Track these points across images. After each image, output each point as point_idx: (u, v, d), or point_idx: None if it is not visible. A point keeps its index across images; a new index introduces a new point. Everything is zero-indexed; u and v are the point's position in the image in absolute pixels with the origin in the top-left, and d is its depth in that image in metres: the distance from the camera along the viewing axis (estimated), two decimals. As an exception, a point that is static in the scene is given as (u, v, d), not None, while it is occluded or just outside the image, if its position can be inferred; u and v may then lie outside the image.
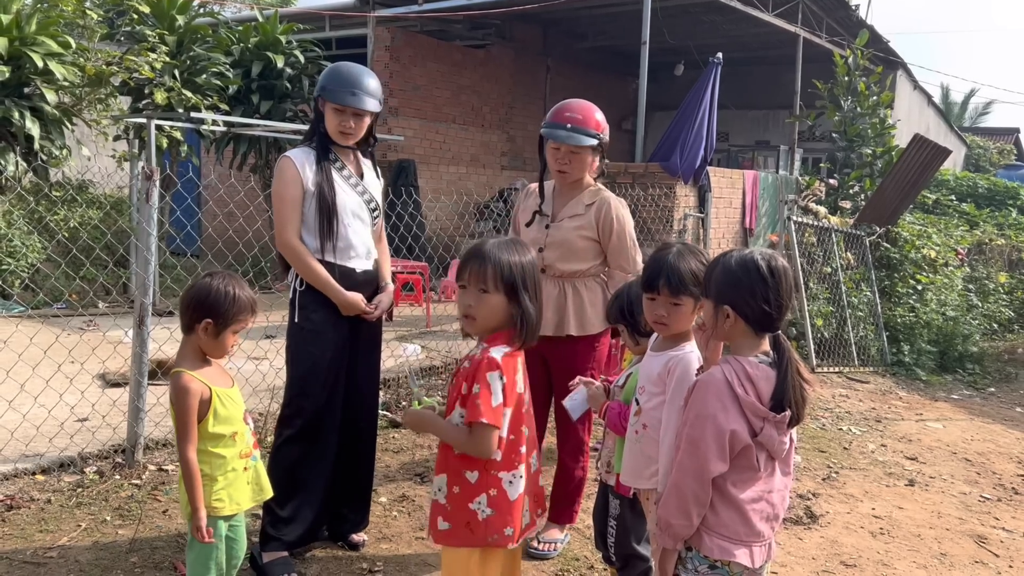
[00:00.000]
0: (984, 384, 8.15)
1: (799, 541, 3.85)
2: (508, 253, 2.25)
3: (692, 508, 2.00)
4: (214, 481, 2.45)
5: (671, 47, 12.05)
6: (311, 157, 3.21)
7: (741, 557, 2.03)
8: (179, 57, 8.42)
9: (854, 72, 10.67)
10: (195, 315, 2.44)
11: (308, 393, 3.19)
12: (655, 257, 2.42)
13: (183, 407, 2.40)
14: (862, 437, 5.74)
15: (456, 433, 2.23)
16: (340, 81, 3.20)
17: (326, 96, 3.20)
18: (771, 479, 2.07)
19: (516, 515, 2.26)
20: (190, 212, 9.95)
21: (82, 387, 4.56)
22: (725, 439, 1.96)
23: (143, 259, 4.08)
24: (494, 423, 2.16)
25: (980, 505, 4.60)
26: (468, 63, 12.45)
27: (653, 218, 8.51)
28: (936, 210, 14.21)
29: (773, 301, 1.98)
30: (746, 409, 1.97)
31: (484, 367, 2.18)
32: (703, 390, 2.01)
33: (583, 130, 3.33)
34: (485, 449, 2.19)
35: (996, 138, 25.46)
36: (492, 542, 2.23)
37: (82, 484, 3.86)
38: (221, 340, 2.46)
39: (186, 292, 2.50)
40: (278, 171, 3.20)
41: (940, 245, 9.94)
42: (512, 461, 2.25)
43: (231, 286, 2.46)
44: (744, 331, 2.02)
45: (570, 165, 3.38)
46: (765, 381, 1.99)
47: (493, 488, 2.23)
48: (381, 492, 4.07)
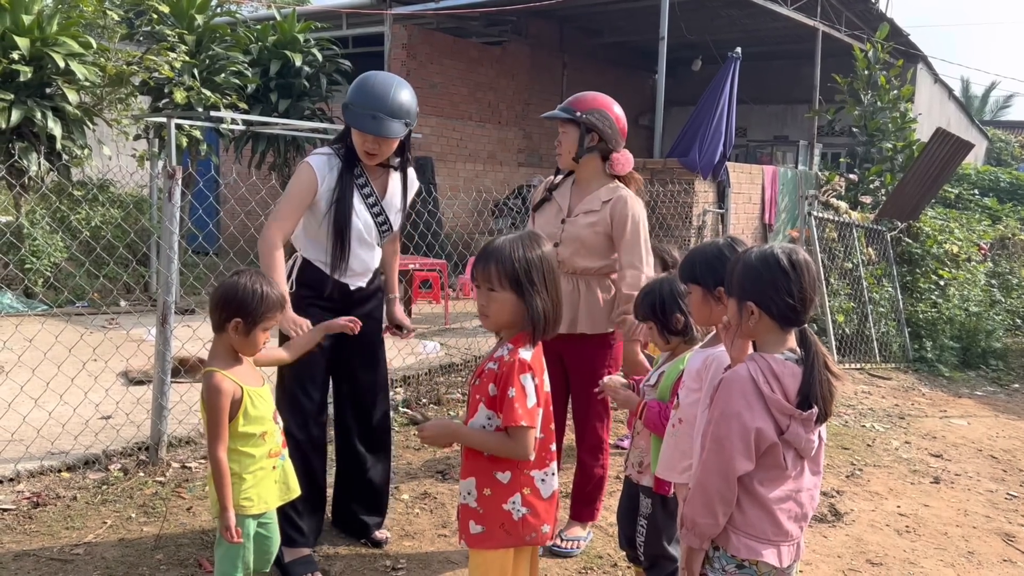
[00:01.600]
0: (1008, 380, 8.05)
1: (824, 539, 3.82)
2: (514, 249, 2.21)
3: (718, 507, 1.98)
4: (242, 480, 2.45)
5: (689, 42, 11.99)
6: (335, 170, 3.09)
7: (769, 557, 2.01)
8: (198, 56, 8.47)
9: (874, 66, 10.57)
10: (225, 314, 2.44)
11: (297, 401, 3.16)
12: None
13: (215, 407, 2.39)
14: (886, 434, 5.68)
15: (488, 438, 2.20)
16: (363, 100, 3.00)
17: (347, 117, 3.04)
18: (800, 478, 2.04)
19: (552, 512, 2.26)
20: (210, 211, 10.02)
21: (106, 385, 4.59)
22: (751, 437, 1.94)
23: (166, 257, 4.10)
24: (532, 424, 2.16)
25: (1007, 503, 4.54)
26: (485, 60, 12.44)
27: (672, 214, 8.47)
28: (958, 205, 14.06)
29: (796, 294, 1.96)
30: (771, 407, 1.95)
31: (517, 369, 2.16)
32: (728, 388, 1.99)
33: (564, 107, 3.42)
34: (524, 451, 2.17)
35: (1018, 131, 25.16)
36: (530, 540, 2.22)
37: (107, 481, 3.89)
38: (252, 338, 2.46)
39: (215, 292, 2.49)
40: (298, 172, 3.10)
41: (962, 240, 9.83)
42: (543, 459, 2.25)
43: (259, 284, 2.46)
44: (769, 327, 2.00)
45: (560, 146, 3.44)
46: (791, 378, 1.96)
47: (527, 487, 2.22)
48: (403, 489, 4.07)
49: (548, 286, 2.22)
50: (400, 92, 3.05)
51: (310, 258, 3.18)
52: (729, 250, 2.35)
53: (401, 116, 3.03)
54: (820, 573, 3.50)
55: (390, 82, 3.06)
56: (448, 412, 5.32)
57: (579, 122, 3.36)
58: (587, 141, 3.38)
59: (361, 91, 3.03)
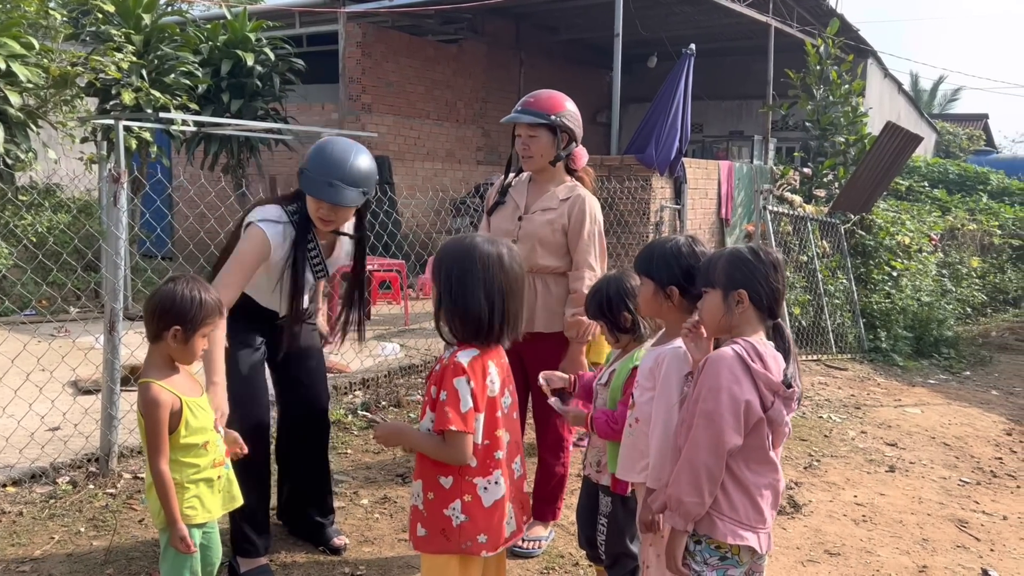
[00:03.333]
0: (960, 368, 8.23)
1: (783, 531, 3.85)
2: (443, 251, 2.21)
3: (704, 485, 1.99)
4: (185, 489, 2.39)
5: (644, 39, 12.05)
6: (288, 240, 3.01)
7: (752, 541, 2.05)
8: (146, 56, 8.28)
9: (825, 61, 10.73)
10: (163, 323, 2.36)
11: (243, 407, 3.05)
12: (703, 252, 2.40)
13: (153, 420, 2.32)
14: (842, 424, 5.76)
15: (426, 441, 2.18)
16: (321, 167, 2.89)
17: (302, 183, 2.94)
18: (776, 465, 2.10)
19: (492, 522, 2.20)
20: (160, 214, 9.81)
21: (53, 396, 4.46)
22: (740, 409, 1.98)
23: (112, 263, 3.99)
24: (464, 429, 2.12)
25: (960, 489, 4.63)
26: (441, 58, 12.37)
27: (630, 211, 8.50)
28: (909, 197, 14.35)
29: (781, 286, 2.11)
30: (759, 381, 2.00)
31: (450, 372, 2.14)
32: (715, 366, 2.02)
33: (533, 111, 3.34)
34: (459, 456, 2.14)
35: (965, 124, 25.78)
36: (466, 549, 2.18)
37: (55, 495, 3.78)
38: (191, 345, 2.39)
39: (150, 300, 2.40)
40: (250, 237, 2.97)
41: (914, 231, 10.03)
42: (487, 467, 2.20)
43: (196, 290, 2.38)
44: (750, 318, 2.09)
45: (529, 149, 3.38)
46: (772, 359, 2.05)
47: (467, 494, 2.18)
48: (363, 494, 4.02)
49: (475, 286, 2.16)
50: (359, 159, 2.95)
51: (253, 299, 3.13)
52: (688, 248, 2.36)
53: (359, 184, 2.93)
54: (779, 565, 3.53)
55: (349, 149, 2.96)
56: (408, 414, 5.27)
57: (553, 126, 3.34)
58: (561, 143, 3.38)
59: (319, 157, 2.92)
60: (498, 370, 2.26)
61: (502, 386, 2.28)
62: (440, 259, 2.22)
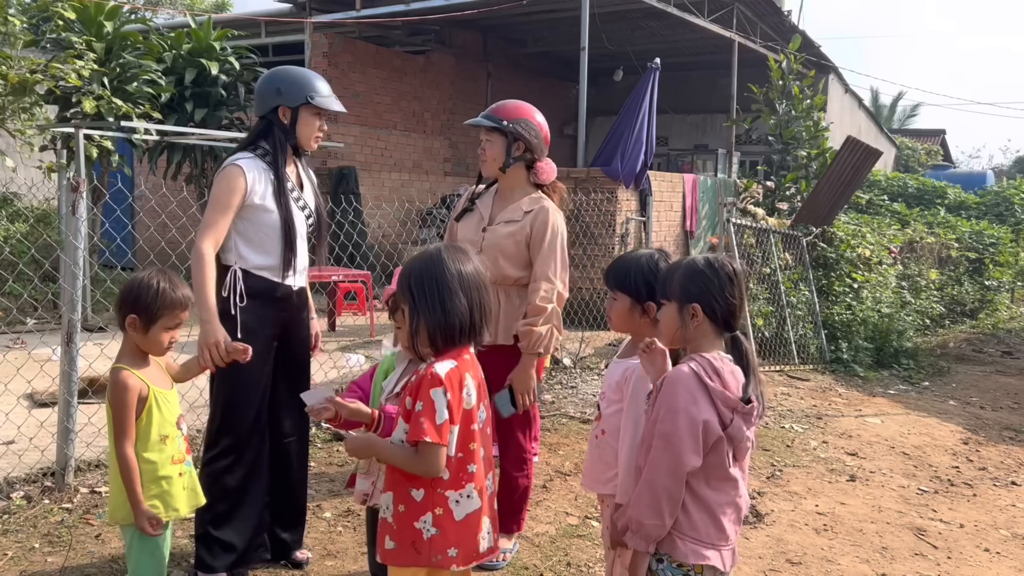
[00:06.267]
0: (919, 378, 8.38)
1: (745, 540, 3.88)
2: (410, 268, 2.20)
3: (665, 506, 1.98)
4: (146, 488, 2.39)
5: (610, 53, 12.17)
6: (264, 172, 3.06)
7: (715, 560, 2.03)
8: (108, 64, 8.16)
9: (788, 76, 10.91)
10: (122, 311, 2.44)
11: (237, 412, 3.10)
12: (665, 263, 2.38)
13: (121, 403, 2.36)
14: (804, 434, 5.83)
15: (399, 452, 2.15)
16: (305, 86, 3.10)
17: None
18: (738, 482, 2.09)
19: (463, 536, 2.17)
20: (121, 224, 9.66)
21: (7, 408, 4.36)
22: (698, 430, 1.96)
23: (70, 274, 3.92)
24: (439, 441, 2.08)
25: (918, 498, 4.71)
26: (408, 69, 12.37)
27: (596, 223, 8.55)
28: (869, 210, 14.60)
29: (738, 299, 2.07)
30: (716, 399, 1.98)
31: (427, 383, 2.10)
32: (672, 385, 2.01)
33: (491, 116, 3.42)
34: (431, 468, 2.11)
35: (924, 139, 26.35)
36: (436, 563, 2.15)
37: (8, 511, 3.68)
38: (152, 337, 2.43)
39: (120, 288, 2.50)
40: (224, 176, 2.99)
41: (874, 244, 10.21)
42: (460, 480, 2.17)
43: (157, 280, 2.42)
44: (707, 331, 2.06)
45: (484, 153, 3.43)
46: (731, 375, 2.03)
47: (439, 507, 2.15)
48: (326, 507, 3.98)
49: (446, 296, 2.14)
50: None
51: (251, 268, 3.08)
52: (662, 262, 2.37)
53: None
54: (742, 574, 3.55)
55: (301, 68, 3.25)
56: (373, 426, 5.23)
57: (505, 131, 3.35)
58: (514, 151, 3.38)
59: (305, 78, 3.13)
60: (475, 383, 2.23)
61: (478, 399, 2.25)
62: (409, 276, 2.18)
